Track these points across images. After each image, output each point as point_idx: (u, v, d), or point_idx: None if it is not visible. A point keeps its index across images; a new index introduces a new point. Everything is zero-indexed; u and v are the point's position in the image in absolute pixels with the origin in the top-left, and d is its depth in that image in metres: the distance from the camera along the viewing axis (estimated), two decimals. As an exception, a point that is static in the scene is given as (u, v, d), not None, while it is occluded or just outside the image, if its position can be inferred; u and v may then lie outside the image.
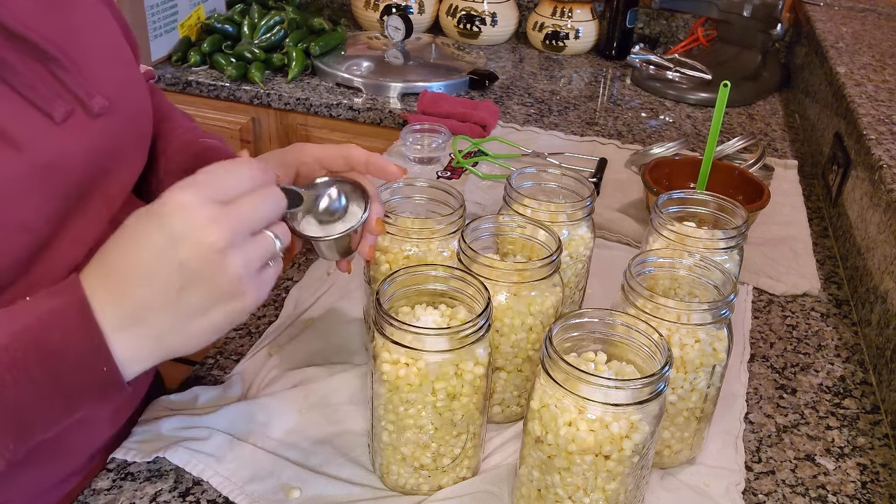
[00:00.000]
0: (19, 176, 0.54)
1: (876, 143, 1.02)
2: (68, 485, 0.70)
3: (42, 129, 0.56)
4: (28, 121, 0.55)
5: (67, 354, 0.49)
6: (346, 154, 0.69)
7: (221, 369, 0.81)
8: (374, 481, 0.69)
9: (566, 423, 0.56)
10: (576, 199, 0.80)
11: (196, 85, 1.56)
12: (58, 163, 0.57)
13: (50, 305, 0.49)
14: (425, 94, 1.43)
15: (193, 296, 0.50)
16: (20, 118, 0.55)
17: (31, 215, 0.55)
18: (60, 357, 0.48)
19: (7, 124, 0.54)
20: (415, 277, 0.65)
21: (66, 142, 0.58)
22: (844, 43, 1.42)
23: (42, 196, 0.56)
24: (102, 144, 0.61)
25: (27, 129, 0.55)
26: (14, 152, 0.54)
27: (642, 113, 1.52)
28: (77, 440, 0.68)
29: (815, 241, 1.11)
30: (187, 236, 0.49)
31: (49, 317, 0.49)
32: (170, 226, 0.49)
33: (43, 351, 0.48)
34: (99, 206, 0.63)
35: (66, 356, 0.49)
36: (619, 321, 0.61)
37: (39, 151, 0.55)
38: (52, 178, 0.57)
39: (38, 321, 0.48)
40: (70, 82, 0.58)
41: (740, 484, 0.71)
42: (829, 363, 0.88)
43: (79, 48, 0.60)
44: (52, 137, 0.57)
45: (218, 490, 0.67)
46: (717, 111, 0.93)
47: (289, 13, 1.66)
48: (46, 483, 0.68)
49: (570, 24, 1.79)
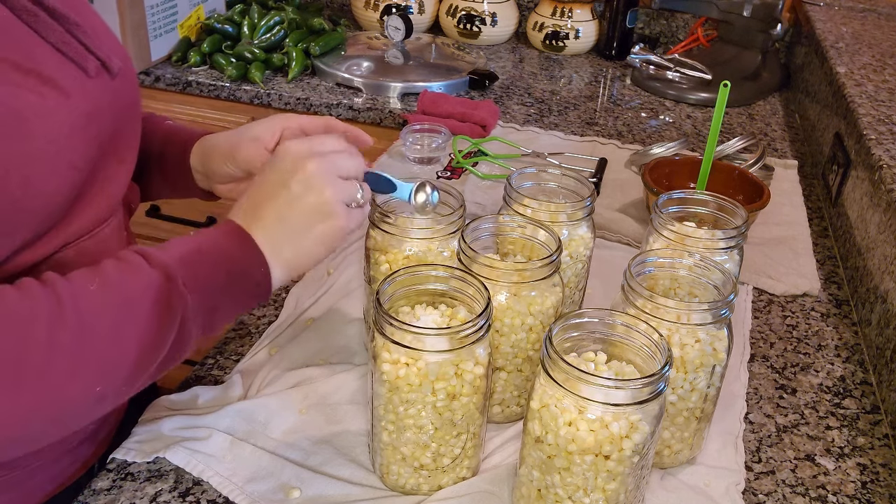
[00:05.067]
0: (70, 120, 0.60)
1: (876, 143, 1.02)
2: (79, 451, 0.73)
3: (80, 81, 0.62)
4: (70, 72, 0.61)
5: (237, 256, 0.63)
6: (327, 124, 0.77)
7: (221, 369, 0.81)
8: (374, 481, 0.69)
9: (566, 423, 0.56)
10: (576, 199, 0.80)
11: (196, 85, 1.56)
12: (95, 112, 0.63)
13: (218, 230, 0.64)
14: (425, 94, 1.43)
15: (299, 210, 0.64)
16: (63, 69, 0.61)
17: (78, 156, 0.62)
18: (235, 258, 0.62)
19: (56, 74, 0.60)
20: (415, 277, 0.65)
21: (98, 94, 0.64)
22: (844, 43, 1.42)
23: (85, 141, 0.62)
24: (119, 103, 0.68)
25: (70, 80, 0.61)
26: (64, 99, 0.60)
27: (642, 113, 1.52)
28: None
29: (815, 241, 1.11)
30: (295, 166, 0.65)
31: (221, 234, 0.63)
32: (282, 162, 0.66)
33: (221, 251, 0.62)
34: (118, 163, 0.69)
35: (237, 257, 0.63)
36: (619, 321, 0.61)
37: (82, 100, 0.61)
38: (92, 125, 0.63)
39: (213, 236, 0.63)
40: (91, 45, 0.64)
41: (740, 484, 0.71)
42: (829, 363, 0.88)
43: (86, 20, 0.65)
44: (89, 89, 0.63)
45: (218, 490, 0.67)
46: (717, 111, 0.93)
47: (289, 13, 1.66)
48: (58, 447, 0.70)
49: (570, 24, 1.79)
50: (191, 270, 0.60)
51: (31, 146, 0.57)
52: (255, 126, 0.76)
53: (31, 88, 0.57)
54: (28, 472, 0.69)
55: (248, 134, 0.75)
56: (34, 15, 0.59)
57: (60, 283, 0.55)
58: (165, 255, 0.60)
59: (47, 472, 0.71)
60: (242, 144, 0.75)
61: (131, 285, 0.57)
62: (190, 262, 0.60)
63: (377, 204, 0.74)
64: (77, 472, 0.74)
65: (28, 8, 0.59)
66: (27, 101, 0.56)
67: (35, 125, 0.57)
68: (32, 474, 0.69)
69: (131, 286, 0.57)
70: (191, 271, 0.60)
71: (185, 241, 0.62)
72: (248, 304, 0.65)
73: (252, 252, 0.63)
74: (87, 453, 0.75)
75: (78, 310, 0.54)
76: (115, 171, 0.69)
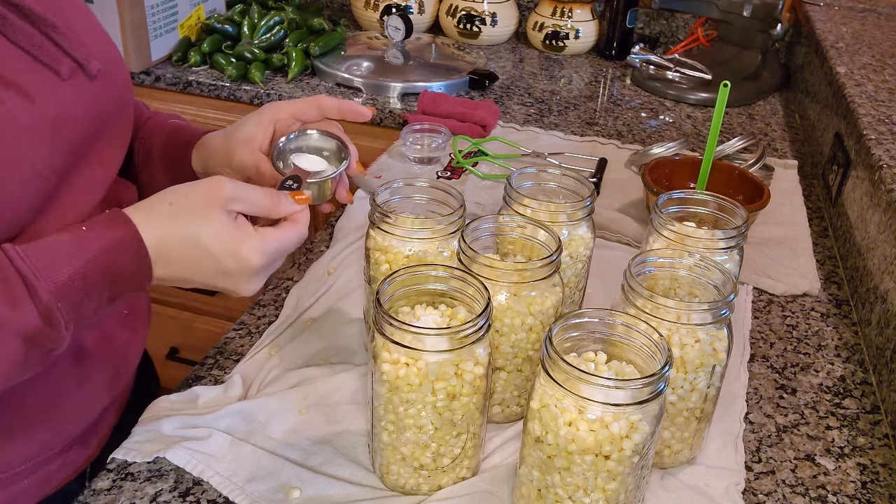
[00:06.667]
0: (33, 125, 0.58)
1: (876, 143, 1.02)
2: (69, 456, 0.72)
3: (50, 84, 0.60)
4: (37, 75, 0.60)
5: (126, 275, 0.59)
6: (318, 103, 0.75)
7: (221, 369, 0.81)
8: (374, 481, 0.69)
9: (566, 423, 0.56)
10: (576, 199, 0.79)
11: (196, 85, 1.56)
12: (65, 116, 0.61)
13: (113, 236, 0.58)
14: (425, 94, 1.43)
15: (214, 275, 0.62)
16: (30, 73, 0.59)
17: (43, 164, 0.60)
18: (122, 278, 0.59)
19: (19, 78, 0.58)
20: (415, 277, 0.65)
21: (71, 97, 0.62)
22: (844, 43, 1.42)
23: (52, 146, 0.60)
24: (99, 106, 0.66)
25: (37, 83, 0.59)
26: (28, 103, 0.58)
27: (642, 113, 1.52)
28: (75, 402, 0.70)
29: (815, 241, 1.11)
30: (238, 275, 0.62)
31: (115, 247, 0.58)
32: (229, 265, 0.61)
33: (109, 273, 0.58)
34: (96, 167, 0.67)
35: (126, 276, 0.59)
36: (619, 321, 0.61)
37: (49, 104, 0.60)
38: (60, 129, 0.61)
39: (107, 250, 0.58)
40: (68, 46, 0.62)
41: (740, 484, 0.71)
42: (829, 363, 0.88)
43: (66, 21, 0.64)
44: (60, 92, 0.61)
45: (218, 490, 0.67)
46: (717, 111, 0.93)
47: (289, 13, 1.66)
48: (47, 448, 0.69)
49: (570, 24, 1.79)
50: (76, 304, 0.56)
51: None
52: (246, 124, 0.74)
53: None
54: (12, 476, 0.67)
55: (240, 135, 0.73)
56: (3, 18, 0.58)
57: None
58: (51, 287, 0.55)
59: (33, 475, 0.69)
60: (235, 149, 0.73)
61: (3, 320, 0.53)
62: (78, 293, 0.56)
63: (377, 204, 0.74)
64: (68, 478, 0.73)
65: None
66: None
67: None
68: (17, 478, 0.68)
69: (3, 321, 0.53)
70: (76, 306, 0.56)
71: (76, 251, 0.57)
72: None
73: (144, 278, 0.60)
74: (78, 458, 0.73)
75: None
76: (92, 174, 0.67)
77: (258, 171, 0.72)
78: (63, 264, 0.55)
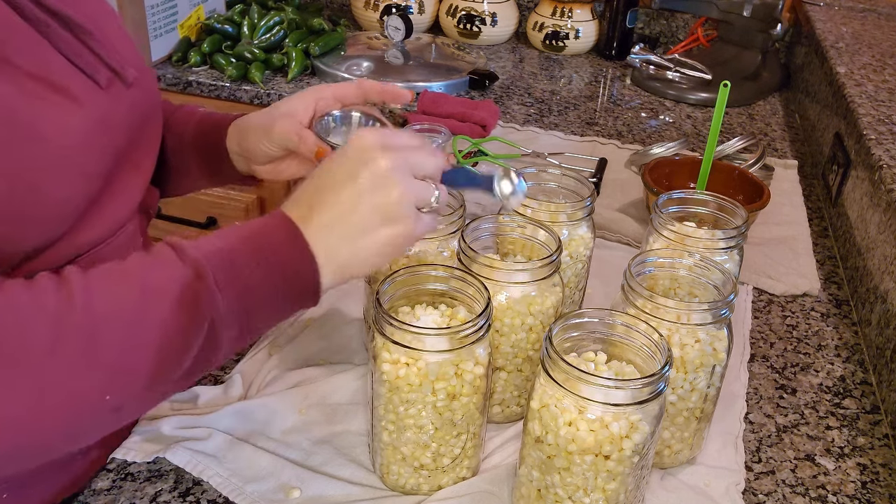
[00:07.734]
0: (83, 128, 0.59)
1: (876, 143, 1.02)
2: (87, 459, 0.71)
3: (92, 91, 0.61)
4: (81, 82, 0.61)
5: (284, 258, 0.56)
6: (360, 85, 0.76)
7: (221, 369, 0.81)
8: (374, 481, 0.69)
9: (566, 423, 0.56)
10: (576, 199, 0.80)
11: (196, 85, 1.56)
12: (108, 121, 0.63)
13: (263, 221, 0.58)
14: (425, 94, 1.43)
15: (364, 208, 0.58)
16: (75, 79, 0.60)
17: (91, 166, 0.61)
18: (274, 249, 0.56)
19: (68, 82, 0.59)
20: (415, 277, 0.65)
21: (112, 104, 0.63)
22: (844, 43, 1.42)
23: (99, 149, 0.62)
24: (135, 113, 0.67)
25: (82, 89, 0.60)
26: (77, 107, 0.59)
27: (642, 113, 1.52)
28: None
29: (815, 241, 1.11)
30: (366, 158, 0.58)
31: (271, 230, 0.57)
32: (352, 154, 0.59)
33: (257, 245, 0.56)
34: (133, 173, 0.68)
35: (283, 259, 0.56)
36: (619, 321, 0.61)
37: (94, 108, 0.61)
38: (105, 134, 0.62)
39: (262, 233, 0.57)
40: (104, 55, 0.63)
41: (740, 484, 0.71)
42: (829, 363, 0.88)
43: (101, 29, 0.65)
44: (101, 99, 0.62)
45: (218, 490, 0.67)
46: (717, 111, 0.93)
47: (288, 13, 1.66)
48: None
49: (570, 24, 1.79)
50: (227, 268, 0.54)
51: (41, 154, 0.56)
52: (289, 101, 0.76)
53: (45, 97, 0.57)
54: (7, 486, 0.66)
55: (282, 109, 0.75)
56: (46, 25, 0.59)
57: (75, 277, 0.51)
58: (200, 249, 0.54)
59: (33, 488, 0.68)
60: (276, 120, 0.74)
61: (154, 281, 0.52)
62: (227, 259, 0.54)
63: None
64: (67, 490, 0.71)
65: (40, 18, 0.58)
66: (40, 109, 0.56)
67: (47, 133, 0.56)
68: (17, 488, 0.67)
69: (154, 282, 0.52)
70: (226, 269, 0.54)
71: (225, 234, 0.57)
72: (290, 309, 0.58)
73: (302, 251, 0.57)
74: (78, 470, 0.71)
75: (90, 306, 0.50)
76: (130, 179, 0.68)
77: (301, 139, 0.73)
78: (215, 238, 0.56)
